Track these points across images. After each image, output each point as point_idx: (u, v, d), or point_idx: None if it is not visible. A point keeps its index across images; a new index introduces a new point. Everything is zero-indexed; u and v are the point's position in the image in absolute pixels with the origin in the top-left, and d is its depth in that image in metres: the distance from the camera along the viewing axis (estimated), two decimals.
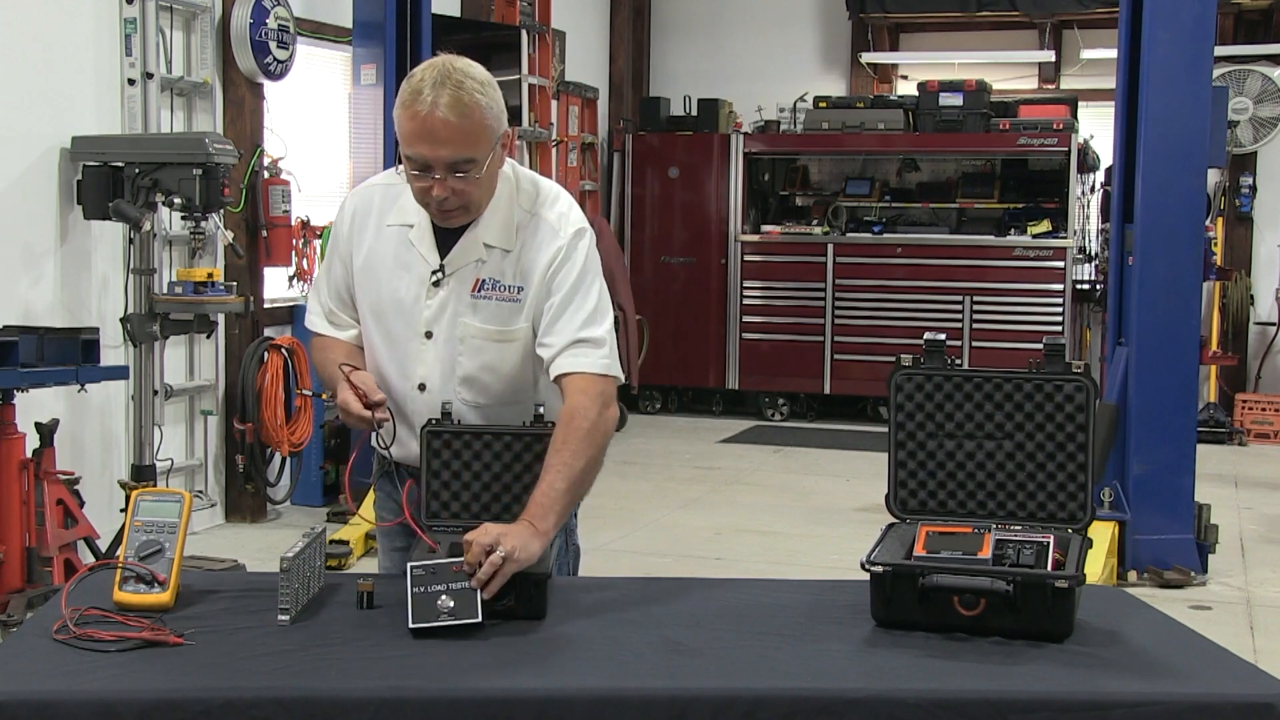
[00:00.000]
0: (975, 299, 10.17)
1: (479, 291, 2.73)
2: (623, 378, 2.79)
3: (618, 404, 2.76)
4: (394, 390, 2.79)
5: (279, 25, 7.10)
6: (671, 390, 11.12)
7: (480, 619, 2.29)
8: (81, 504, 5.51)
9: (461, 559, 2.36)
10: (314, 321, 2.92)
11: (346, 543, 6.41)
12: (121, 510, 5.58)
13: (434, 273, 2.73)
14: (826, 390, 10.66)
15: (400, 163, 2.71)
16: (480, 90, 2.58)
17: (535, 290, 2.73)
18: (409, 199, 2.74)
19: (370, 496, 3.04)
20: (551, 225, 2.75)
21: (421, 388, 2.77)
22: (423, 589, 2.31)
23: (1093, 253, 10.52)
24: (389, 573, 2.82)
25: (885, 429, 2.60)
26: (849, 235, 10.60)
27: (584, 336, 2.70)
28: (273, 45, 7.06)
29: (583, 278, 2.74)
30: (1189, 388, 6.50)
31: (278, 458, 7.15)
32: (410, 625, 2.29)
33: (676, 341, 10.74)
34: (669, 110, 11.26)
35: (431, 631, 2.28)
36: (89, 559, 5.39)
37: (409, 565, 2.35)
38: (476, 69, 2.62)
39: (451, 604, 2.29)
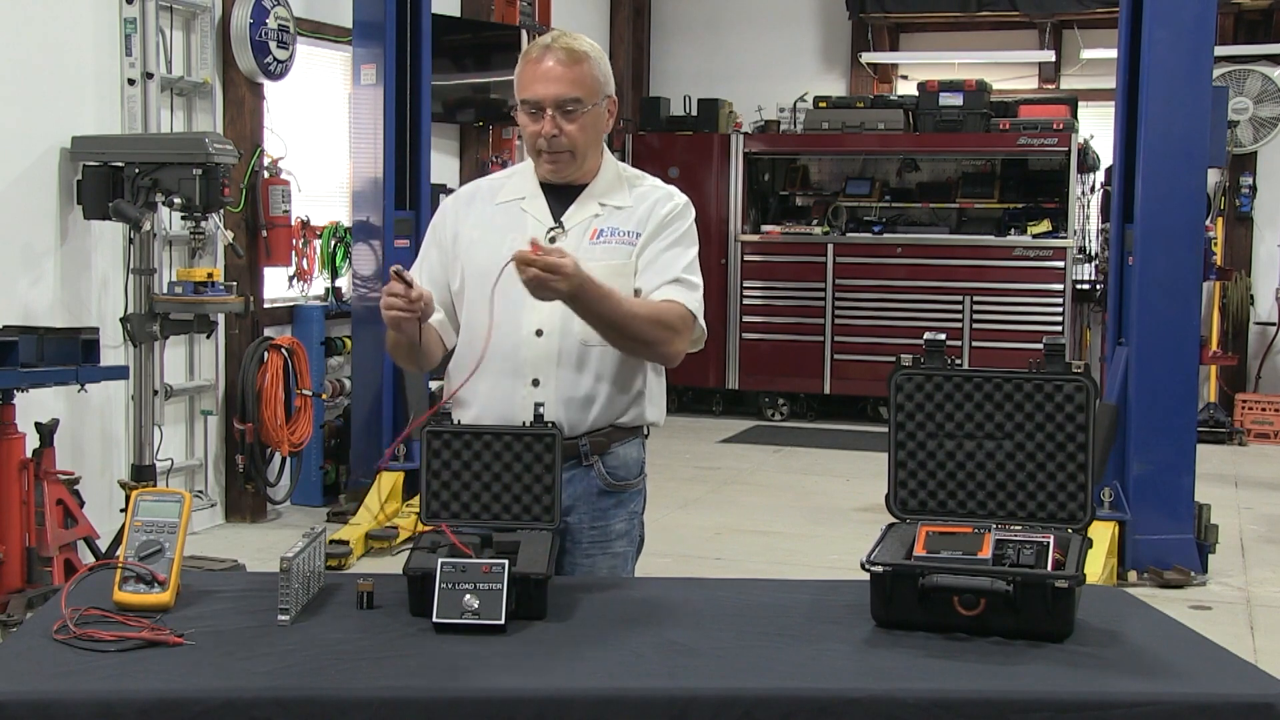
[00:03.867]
0: (975, 299, 10.18)
1: (598, 239, 2.91)
2: (705, 332, 2.98)
3: (683, 353, 2.94)
4: (505, 342, 2.86)
5: (279, 25, 7.10)
6: (671, 390, 11.05)
7: (503, 621, 2.29)
8: (81, 504, 5.51)
9: (481, 560, 2.38)
10: None
11: (346, 543, 6.41)
12: (121, 510, 5.59)
13: (550, 229, 2.90)
14: (826, 390, 10.66)
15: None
16: (591, 47, 2.89)
17: (649, 233, 2.92)
18: (519, 180, 2.99)
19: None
20: (666, 189, 3.01)
21: (539, 333, 2.86)
22: (450, 585, 2.32)
23: (1093, 253, 10.52)
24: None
25: (885, 429, 2.60)
26: (849, 235, 10.60)
27: (684, 278, 2.91)
28: (273, 45, 7.06)
29: (689, 236, 2.98)
30: (1189, 388, 6.50)
31: (278, 458, 7.15)
32: (434, 619, 2.30)
33: None
34: (669, 110, 11.26)
35: (452, 628, 2.29)
36: (89, 559, 5.39)
37: (439, 561, 2.35)
38: (591, 40, 2.94)
39: (476, 604, 2.30)
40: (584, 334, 2.84)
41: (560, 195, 2.94)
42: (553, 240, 2.88)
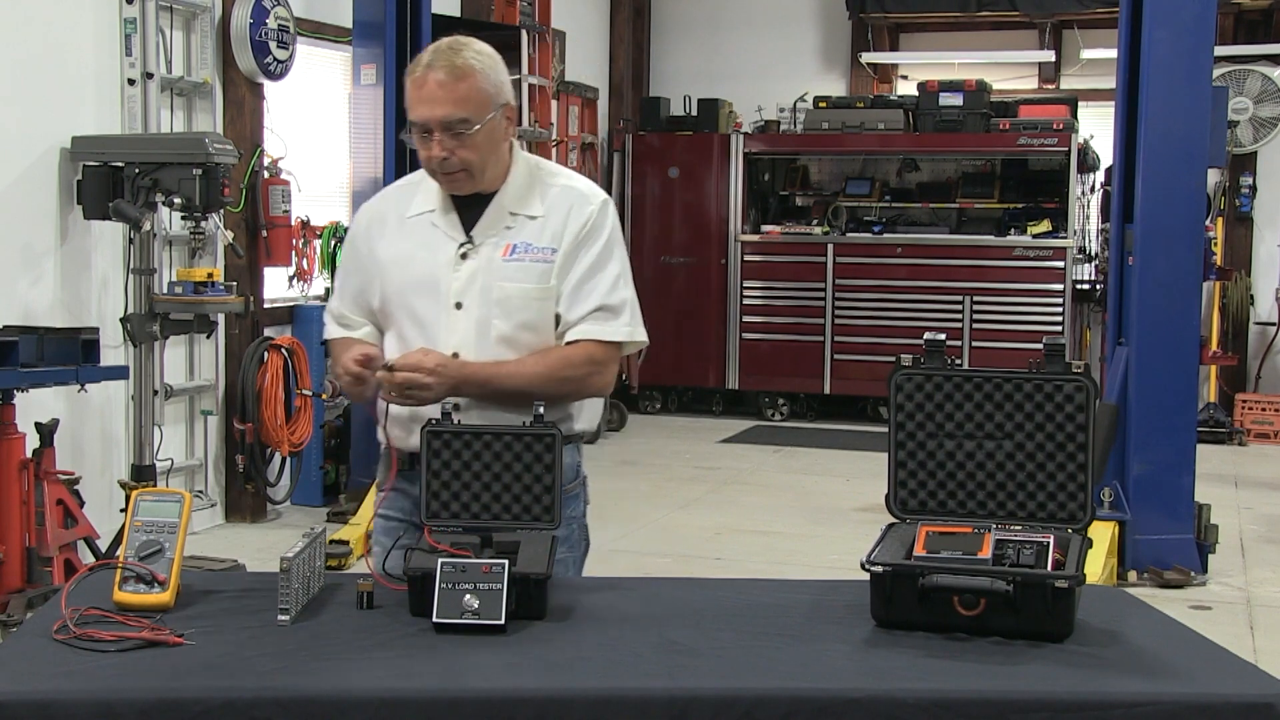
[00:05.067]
0: (975, 299, 10.18)
1: (511, 255, 2.81)
2: (646, 340, 2.94)
3: (614, 378, 2.92)
4: None
5: (279, 25, 7.10)
6: (671, 390, 11.12)
7: (503, 621, 2.29)
8: (81, 504, 5.51)
9: (481, 560, 2.38)
10: (329, 330, 3.02)
11: (346, 543, 6.41)
12: (121, 510, 5.58)
13: (461, 245, 2.82)
14: (826, 390, 10.66)
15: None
16: (477, 58, 2.73)
17: (566, 251, 2.82)
18: (426, 190, 2.87)
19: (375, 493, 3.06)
20: (582, 192, 2.88)
21: (455, 357, 2.80)
22: (450, 585, 2.32)
23: (1093, 253, 10.52)
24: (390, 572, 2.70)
25: (885, 429, 2.60)
26: (849, 235, 10.60)
27: (606, 304, 2.84)
28: (273, 45, 7.06)
29: (610, 244, 2.86)
30: (1189, 388, 6.50)
31: (278, 458, 7.15)
32: (434, 619, 2.29)
33: (676, 341, 10.72)
34: (669, 110, 11.26)
35: (452, 628, 2.29)
36: (89, 559, 5.39)
37: (440, 561, 2.35)
38: (479, 44, 2.78)
39: (476, 604, 2.30)
40: (499, 351, 2.80)
41: (470, 206, 2.83)
42: (464, 257, 2.81)
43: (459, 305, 2.81)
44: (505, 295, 2.80)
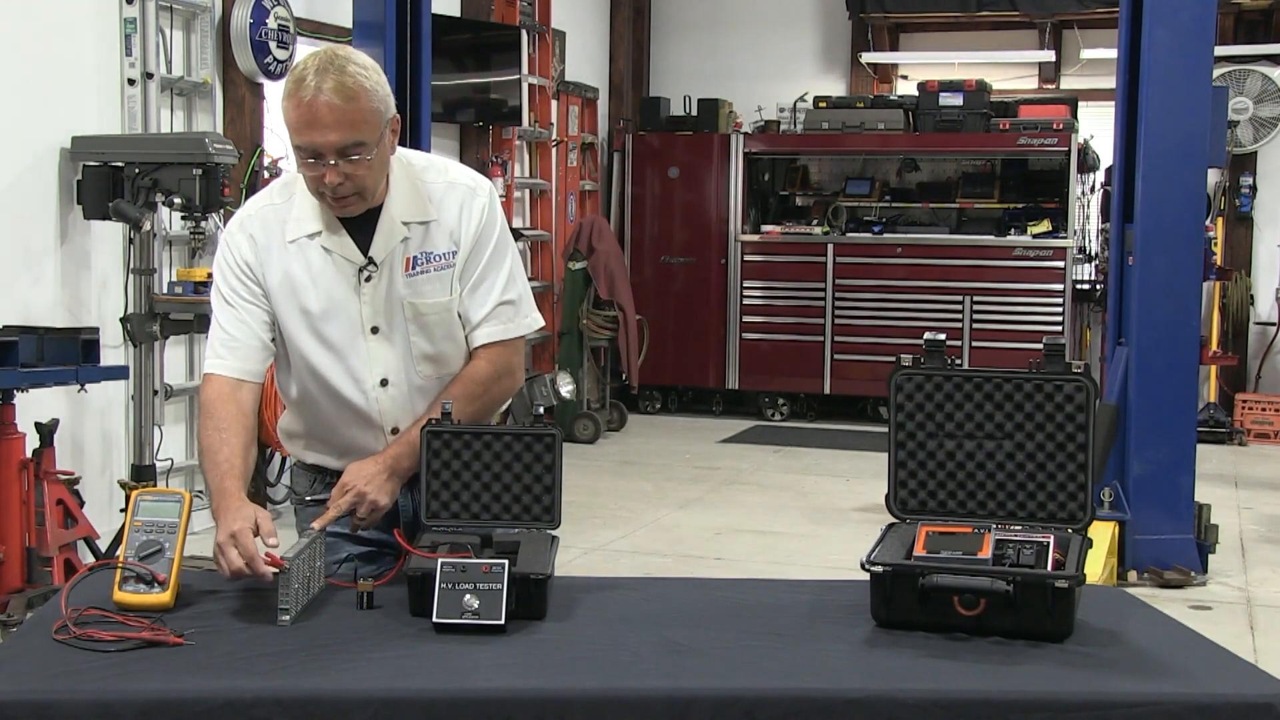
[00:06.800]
0: (975, 299, 10.18)
1: (414, 269, 2.71)
2: (541, 321, 2.91)
3: (524, 370, 2.92)
4: (346, 398, 2.76)
5: (279, 25, 7.10)
6: (671, 390, 11.12)
7: (503, 621, 2.29)
8: (81, 504, 5.51)
9: (481, 560, 2.38)
10: (212, 363, 2.76)
11: None
12: (121, 510, 5.58)
13: (363, 268, 2.70)
14: (826, 390, 10.67)
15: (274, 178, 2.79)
16: (364, 74, 2.55)
17: (465, 252, 2.74)
18: (300, 209, 2.72)
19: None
20: (468, 185, 2.77)
21: (384, 383, 2.75)
22: (450, 585, 2.31)
23: (1093, 253, 10.53)
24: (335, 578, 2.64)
25: (885, 429, 2.60)
26: (849, 235, 10.60)
27: (506, 299, 2.79)
28: (273, 45, 7.06)
29: (503, 237, 2.80)
30: (1189, 388, 6.50)
31: (277, 458, 7.15)
32: (434, 619, 2.29)
33: (676, 341, 10.74)
34: (669, 110, 11.26)
35: (452, 628, 2.29)
36: (89, 559, 5.39)
37: (440, 561, 2.35)
38: (360, 55, 2.60)
39: (476, 604, 2.30)
40: (424, 368, 2.76)
41: (359, 223, 2.69)
42: (368, 279, 2.69)
43: (375, 330, 2.72)
44: (419, 313, 2.72)
